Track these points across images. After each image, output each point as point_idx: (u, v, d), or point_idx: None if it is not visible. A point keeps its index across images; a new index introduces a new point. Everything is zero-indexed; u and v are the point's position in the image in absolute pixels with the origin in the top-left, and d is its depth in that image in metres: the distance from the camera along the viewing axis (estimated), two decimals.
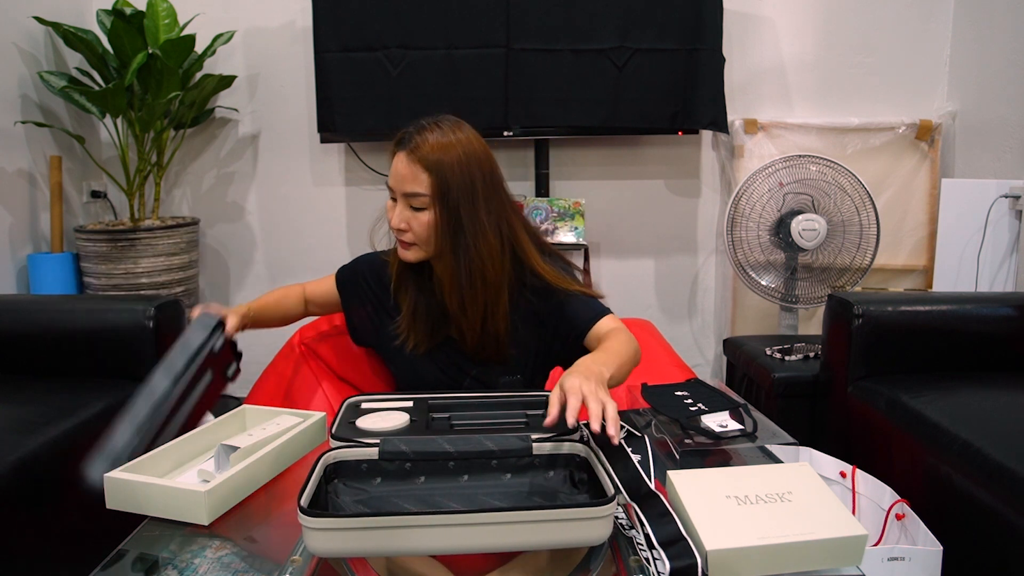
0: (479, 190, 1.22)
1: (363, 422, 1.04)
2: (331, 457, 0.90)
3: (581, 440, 0.96)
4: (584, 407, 0.92)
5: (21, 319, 1.60)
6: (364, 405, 1.12)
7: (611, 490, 0.79)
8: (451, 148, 1.21)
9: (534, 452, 0.94)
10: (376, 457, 0.92)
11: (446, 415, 1.11)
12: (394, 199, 1.24)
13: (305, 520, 0.74)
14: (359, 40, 2.32)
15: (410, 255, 1.26)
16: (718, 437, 1.08)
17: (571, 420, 0.91)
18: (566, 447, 0.95)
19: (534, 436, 0.96)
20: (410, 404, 1.13)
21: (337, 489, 0.90)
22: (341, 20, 2.32)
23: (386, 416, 1.06)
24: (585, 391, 0.93)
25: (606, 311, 1.30)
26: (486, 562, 0.82)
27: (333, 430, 1.01)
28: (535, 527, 0.76)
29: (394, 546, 0.76)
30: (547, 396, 1.15)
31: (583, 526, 0.76)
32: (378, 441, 0.93)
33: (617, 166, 2.65)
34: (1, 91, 2.21)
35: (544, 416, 1.11)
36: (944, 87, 2.55)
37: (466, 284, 1.23)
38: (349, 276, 1.43)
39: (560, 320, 1.30)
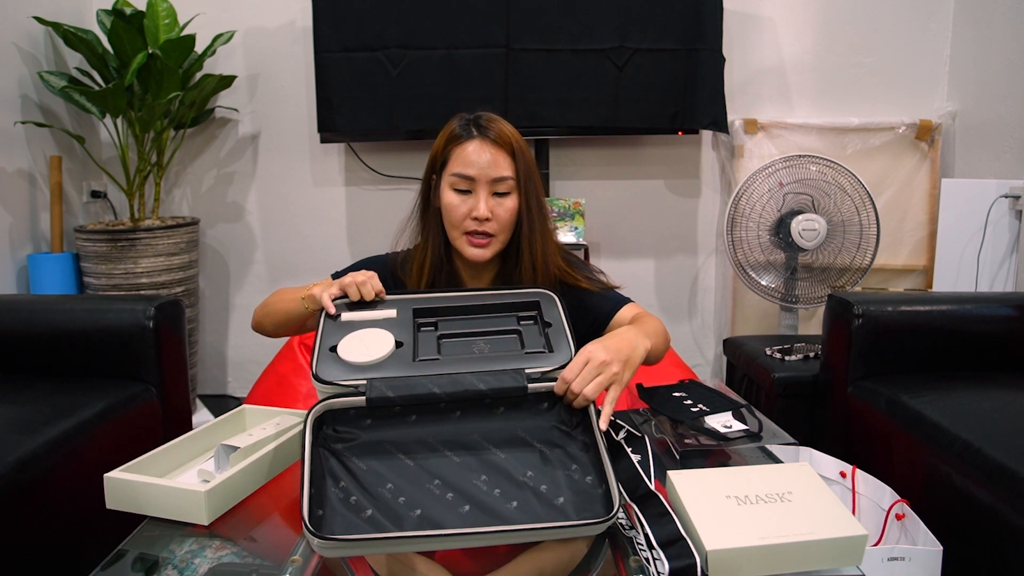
0: (539, 176, 1.24)
1: (346, 350, 0.98)
2: (318, 410, 0.89)
3: None
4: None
5: (21, 319, 1.59)
6: (344, 316, 1.06)
7: (616, 500, 0.79)
8: (516, 132, 1.22)
9: (529, 392, 0.92)
10: (363, 404, 0.90)
11: (432, 323, 1.06)
12: (464, 191, 1.19)
13: (312, 540, 0.73)
14: (359, 40, 2.32)
15: (488, 252, 1.21)
16: (725, 438, 1.08)
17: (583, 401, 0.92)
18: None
19: (528, 369, 0.93)
20: (393, 314, 1.06)
21: (328, 442, 0.87)
22: (341, 20, 2.32)
23: (369, 340, 0.99)
24: (601, 369, 0.93)
25: (626, 300, 1.30)
26: (486, 564, 0.82)
27: (315, 366, 0.95)
28: (536, 534, 0.76)
29: (399, 547, 0.76)
30: (535, 294, 1.12)
31: (584, 531, 0.77)
32: (363, 381, 0.90)
33: (617, 166, 2.65)
34: (1, 91, 2.21)
35: (538, 354, 1.03)
36: (944, 87, 2.55)
37: (530, 275, 1.22)
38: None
39: (580, 312, 1.28)
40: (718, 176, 2.66)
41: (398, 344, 1.00)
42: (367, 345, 0.98)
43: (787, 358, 1.99)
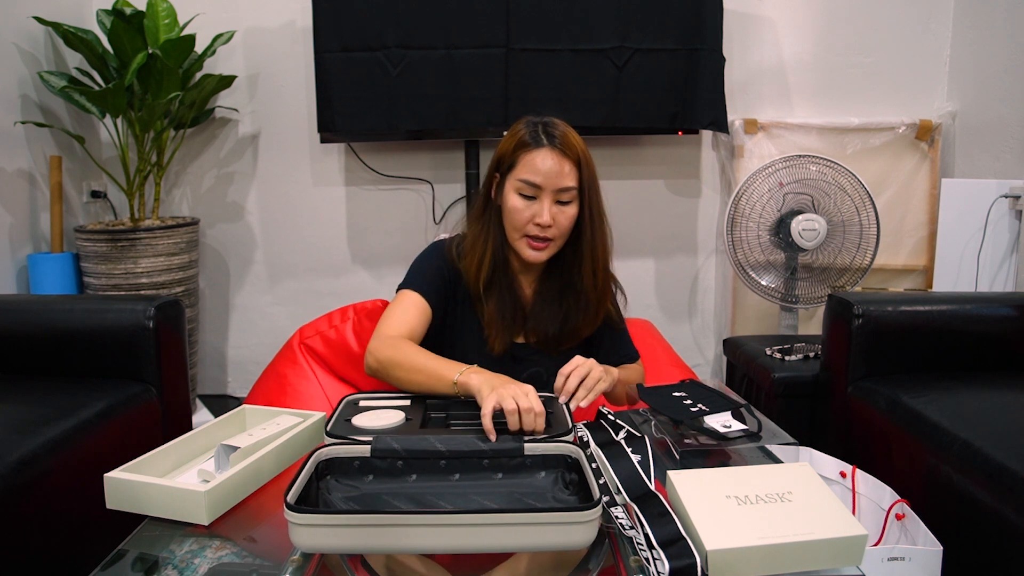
0: (598, 184, 1.29)
1: (359, 420, 1.04)
2: (323, 454, 0.91)
3: (573, 441, 0.96)
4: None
5: (21, 319, 1.59)
6: (362, 403, 1.12)
7: (597, 494, 0.79)
8: (581, 140, 1.26)
9: (525, 452, 0.94)
10: (368, 455, 0.92)
11: (443, 414, 1.11)
12: (529, 196, 1.23)
13: (291, 516, 0.75)
14: (359, 40, 2.32)
15: (544, 254, 1.27)
16: (724, 438, 1.08)
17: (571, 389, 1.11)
18: (557, 448, 0.95)
19: (526, 437, 0.96)
20: (407, 403, 1.13)
21: (329, 486, 0.91)
22: (341, 20, 2.32)
23: (382, 414, 1.06)
24: (593, 369, 1.13)
25: (637, 357, 1.42)
26: (484, 562, 0.82)
27: (328, 427, 1.01)
28: (518, 529, 0.76)
29: (379, 544, 0.77)
30: (544, 397, 1.16)
31: (566, 530, 0.76)
32: (371, 439, 0.93)
33: (617, 166, 2.65)
34: (1, 91, 2.21)
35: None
36: (944, 87, 2.55)
37: (591, 280, 1.29)
38: (436, 290, 1.31)
39: (603, 340, 1.39)
40: (718, 176, 2.66)
41: (407, 419, 1.06)
42: (379, 416, 1.05)
43: (787, 358, 1.99)
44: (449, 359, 1.18)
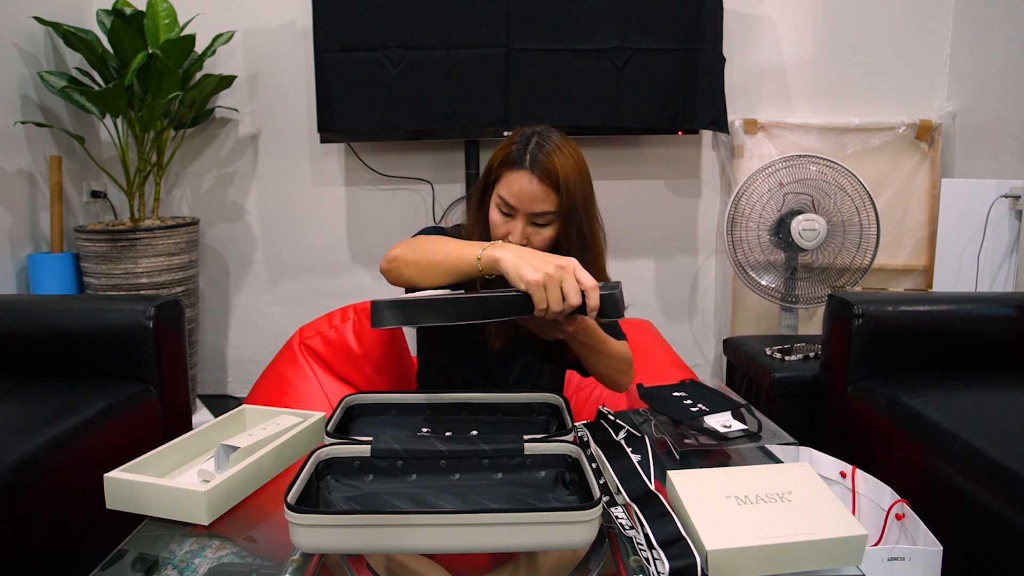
0: (592, 201, 1.27)
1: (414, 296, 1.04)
2: (323, 454, 0.91)
3: (573, 441, 0.97)
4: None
5: (21, 319, 1.59)
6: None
7: (597, 493, 0.79)
8: (571, 163, 1.22)
9: (525, 452, 0.94)
10: (368, 455, 0.92)
11: (480, 291, 1.11)
12: (507, 214, 1.22)
13: (291, 516, 0.75)
14: (359, 40, 2.32)
15: None
16: (724, 438, 1.08)
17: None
18: (557, 448, 0.95)
19: (526, 436, 0.96)
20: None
21: (329, 485, 0.91)
22: (341, 20, 2.32)
23: (431, 292, 1.08)
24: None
25: (625, 339, 1.39)
26: (484, 562, 0.82)
27: (328, 428, 1.01)
28: (519, 529, 0.76)
29: (379, 544, 0.77)
30: (544, 400, 1.16)
31: (567, 529, 0.76)
32: (370, 439, 0.94)
33: (617, 166, 2.65)
34: (1, 91, 2.21)
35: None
36: (944, 87, 2.55)
37: None
38: None
39: None
40: (718, 176, 2.66)
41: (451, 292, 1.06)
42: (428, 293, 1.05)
43: (787, 358, 1.99)
44: (466, 242, 1.14)
